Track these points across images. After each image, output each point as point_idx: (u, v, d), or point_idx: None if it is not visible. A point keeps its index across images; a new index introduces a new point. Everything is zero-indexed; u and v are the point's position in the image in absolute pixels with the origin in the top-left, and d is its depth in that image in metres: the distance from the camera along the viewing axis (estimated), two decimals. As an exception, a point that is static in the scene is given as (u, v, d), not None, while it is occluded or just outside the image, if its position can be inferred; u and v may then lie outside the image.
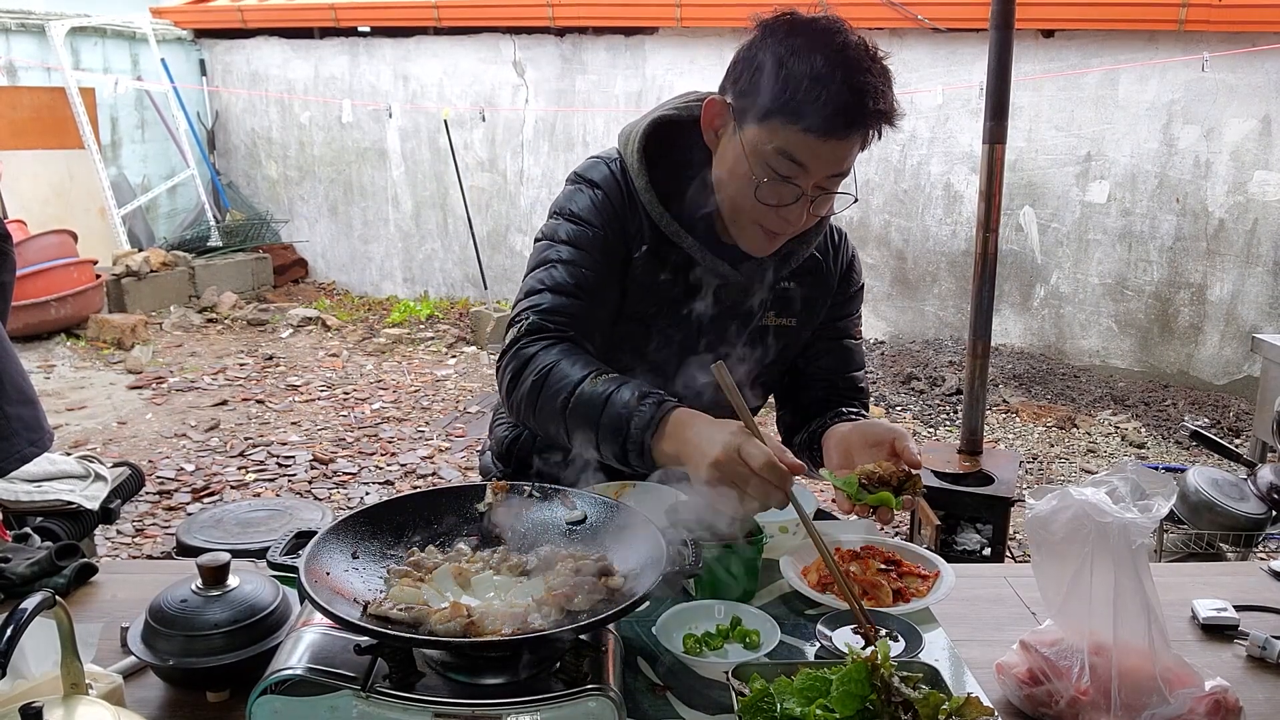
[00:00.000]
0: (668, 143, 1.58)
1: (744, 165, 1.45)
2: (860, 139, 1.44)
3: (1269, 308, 5.46)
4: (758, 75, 1.41)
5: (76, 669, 0.98)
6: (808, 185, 1.44)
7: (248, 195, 8.73)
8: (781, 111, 1.38)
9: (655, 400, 1.35)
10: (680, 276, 1.60)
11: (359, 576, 1.14)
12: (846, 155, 1.44)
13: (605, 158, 1.61)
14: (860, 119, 1.40)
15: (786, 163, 1.41)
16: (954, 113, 6.15)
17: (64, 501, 2.47)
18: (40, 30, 7.30)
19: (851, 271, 1.78)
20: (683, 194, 1.56)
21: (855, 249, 1.81)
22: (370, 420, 5.27)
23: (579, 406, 1.39)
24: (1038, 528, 1.19)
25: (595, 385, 1.39)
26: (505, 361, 1.50)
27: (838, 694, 1.04)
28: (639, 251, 1.58)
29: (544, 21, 7.09)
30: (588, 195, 1.57)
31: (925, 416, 5.40)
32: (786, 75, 1.37)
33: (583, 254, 1.53)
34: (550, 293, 1.51)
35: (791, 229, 1.50)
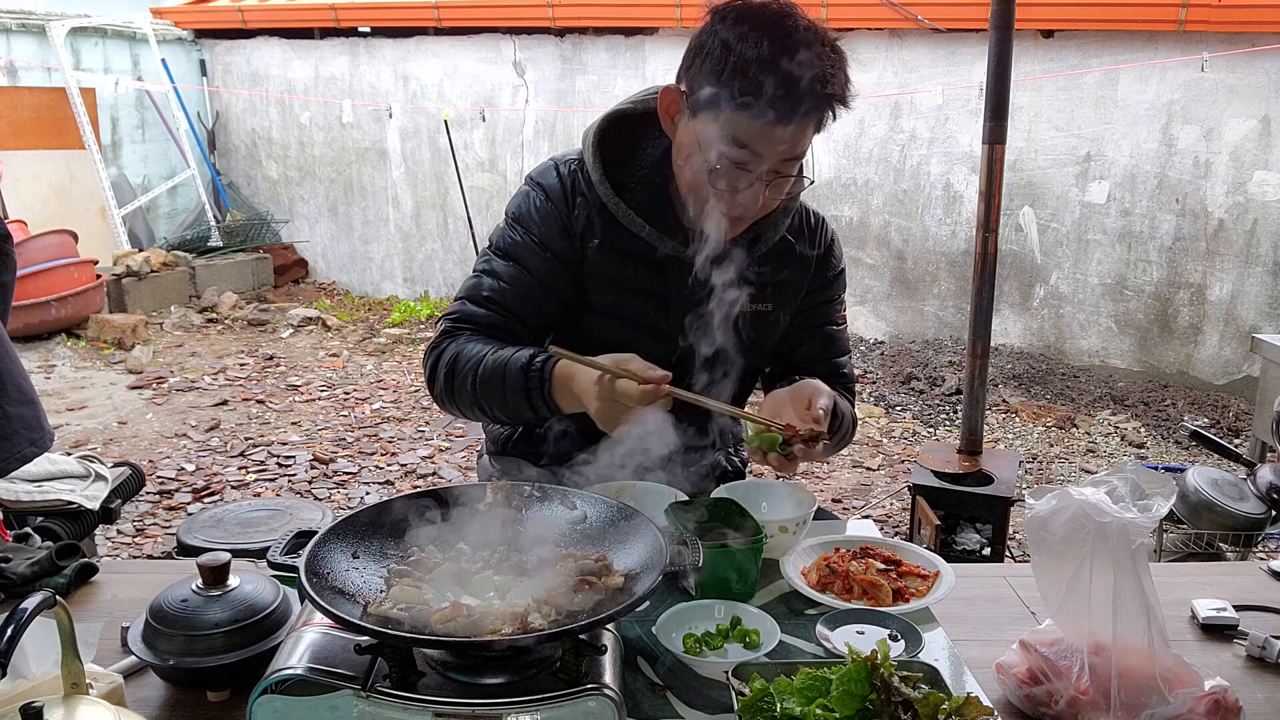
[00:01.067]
0: (626, 134, 1.62)
1: (698, 152, 1.47)
2: (813, 122, 1.44)
3: (1269, 308, 5.46)
4: (708, 62, 1.42)
5: (77, 669, 0.98)
6: (761, 170, 1.45)
7: (248, 195, 8.73)
8: (730, 97, 1.39)
9: (540, 360, 1.48)
10: (644, 266, 1.62)
11: (359, 576, 1.14)
12: (799, 139, 1.45)
13: (559, 159, 1.67)
14: (809, 103, 1.40)
15: (738, 148, 1.43)
16: (954, 113, 6.15)
17: (64, 501, 2.47)
18: (40, 30, 7.30)
19: (830, 255, 1.77)
20: (642, 184, 1.59)
21: (835, 233, 1.81)
22: (370, 420, 5.27)
23: (484, 386, 1.52)
24: (1037, 528, 1.19)
25: (493, 360, 1.51)
26: (424, 361, 1.63)
27: (838, 694, 1.04)
28: (591, 245, 1.61)
29: (544, 22, 7.09)
30: (531, 199, 1.64)
31: (925, 416, 5.40)
32: (735, 61, 1.38)
33: (512, 266, 1.62)
34: (470, 303, 1.62)
35: (750, 213, 1.52)
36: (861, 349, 6.50)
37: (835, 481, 4.57)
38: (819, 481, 4.56)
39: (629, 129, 1.62)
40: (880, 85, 6.31)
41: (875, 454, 4.91)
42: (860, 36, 6.32)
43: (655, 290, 1.63)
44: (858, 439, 5.08)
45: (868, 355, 6.39)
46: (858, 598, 1.41)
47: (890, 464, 4.78)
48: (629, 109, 1.63)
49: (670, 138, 1.55)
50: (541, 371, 1.48)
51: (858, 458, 4.86)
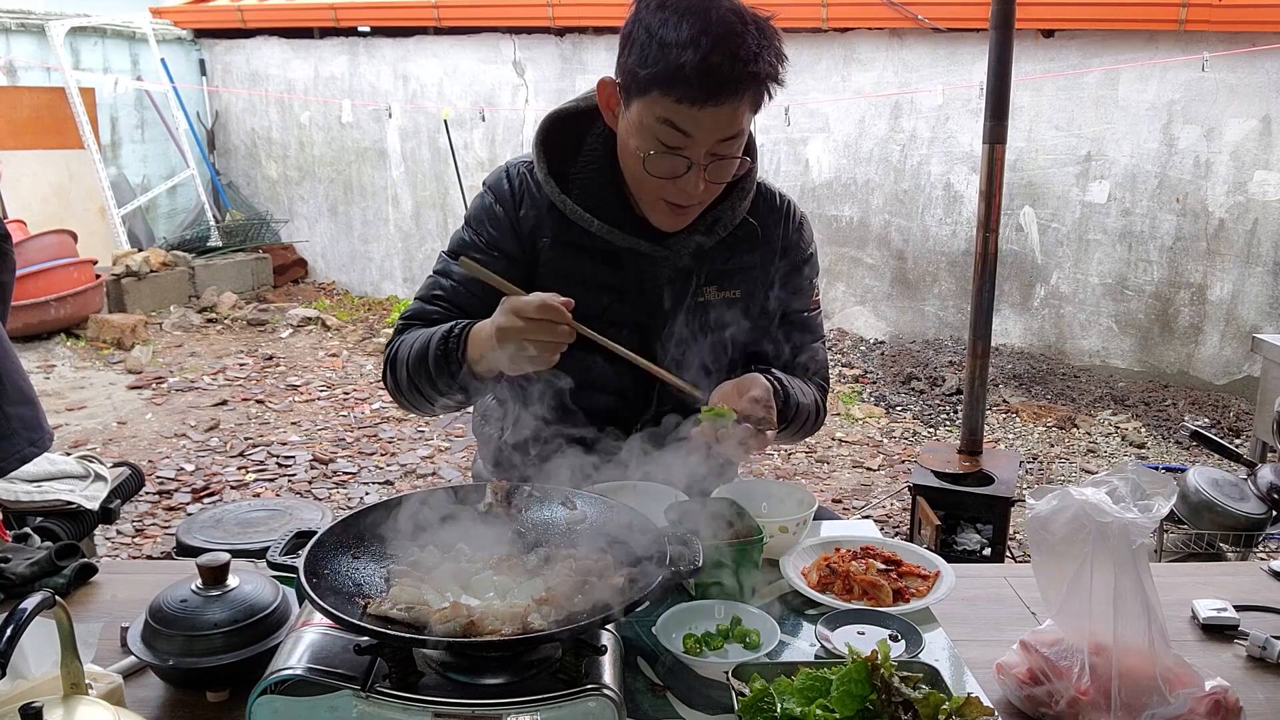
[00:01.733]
0: (569, 131, 1.63)
1: (635, 140, 1.47)
2: (747, 102, 1.43)
3: (1269, 308, 5.46)
4: (634, 49, 1.43)
5: (76, 669, 0.98)
6: (697, 154, 1.45)
7: (248, 195, 8.73)
8: (656, 82, 1.40)
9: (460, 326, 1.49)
10: (600, 260, 1.62)
11: (359, 576, 1.14)
12: (731, 120, 1.43)
13: (512, 162, 1.69)
14: (735, 82, 1.39)
15: (671, 132, 1.43)
16: (954, 113, 6.15)
17: (64, 501, 2.47)
18: (40, 30, 7.29)
19: (800, 240, 1.76)
20: (590, 179, 1.60)
21: (804, 216, 1.79)
22: (370, 420, 5.27)
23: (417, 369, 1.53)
24: (1038, 528, 1.19)
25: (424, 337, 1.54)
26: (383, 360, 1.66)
27: (838, 694, 1.04)
28: (543, 243, 1.63)
29: (544, 21, 7.09)
30: (483, 202, 1.67)
31: (925, 416, 5.40)
32: (658, 45, 1.39)
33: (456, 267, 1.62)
34: (424, 302, 1.65)
35: (693, 199, 1.51)
36: (861, 349, 6.50)
37: (835, 481, 4.57)
38: (819, 481, 4.56)
39: (576, 126, 1.63)
40: (880, 85, 6.31)
41: (875, 454, 4.91)
42: (860, 36, 6.32)
43: (614, 284, 1.63)
44: (858, 439, 5.08)
45: (868, 355, 6.39)
46: (858, 598, 1.41)
47: (890, 464, 4.78)
48: (573, 106, 1.65)
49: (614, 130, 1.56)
50: (461, 335, 1.48)
51: (858, 458, 4.85)
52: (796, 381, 1.70)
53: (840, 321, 6.80)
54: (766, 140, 6.62)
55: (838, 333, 6.77)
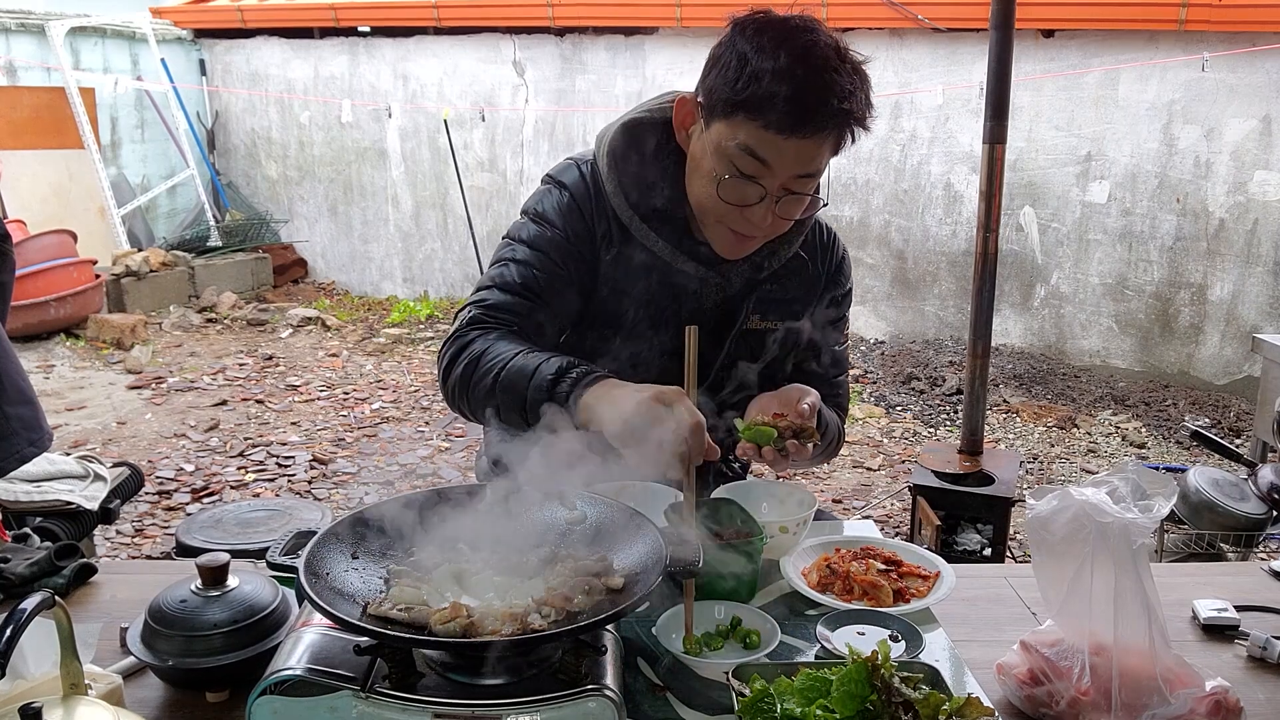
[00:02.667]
0: (641, 143, 1.57)
1: (709, 162, 1.44)
2: (830, 140, 1.41)
3: (1269, 308, 5.46)
4: (725, 72, 1.40)
5: (76, 669, 0.98)
6: (773, 185, 1.42)
7: (247, 195, 8.73)
8: (744, 106, 1.37)
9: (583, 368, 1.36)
10: (653, 279, 1.59)
11: (359, 576, 1.14)
12: (813, 156, 1.41)
13: (579, 159, 1.62)
14: (824, 117, 1.37)
15: (750, 160, 1.40)
16: (954, 113, 6.15)
17: (63, 501, 2.47)
18: (40, 30, 7.29)
19: (840, 274, 1.75)
20: (654, 195, 1.56)
21: (846, 249, 1.78)
22: (370, 420, 5.27)
23: (508, 380, 1.40)
24: (1038, 528, 1.19)
25: (525, 360, 1.40)
26: (444, 348, 1.52)
27: (838, 694, 1.03)
28: (609, 254, 1.58)
29: (544, 21, 7.09)
30: (555, 197, 1.59)
31: (925, 416, 5.40)
32: (751, 71, 1.36)
33: (538, 255, 1.55)
34: (498, 290, 1.54)
35: (759, 232, 1.49)
36: (861, 349, 6.49)
37: (835, 481, 4.57)
38: (819, 481, 4.56)
39: (643, 137, 1.58)
40: (880, 85, 6.27)
41: (876, 454, 4.91)
42: (860, 36, 6.32)
43: (665, 305, 1.60)
44: (858, 439, 5.08)
45: (868, 355, 6.39)
46: (858, 598, 1.41)
47: (891, 464, 4.78)
48: (644, 116, 1.59)
49: (684, 149, 1.53)
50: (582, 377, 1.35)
51: (858, 458, 4.85)
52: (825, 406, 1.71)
53: (840, 321, 6.79)
54: (766, 140, 6.60)
55: (838, 333, 6.77)
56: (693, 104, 1.48)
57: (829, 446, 1.73)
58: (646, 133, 1.58)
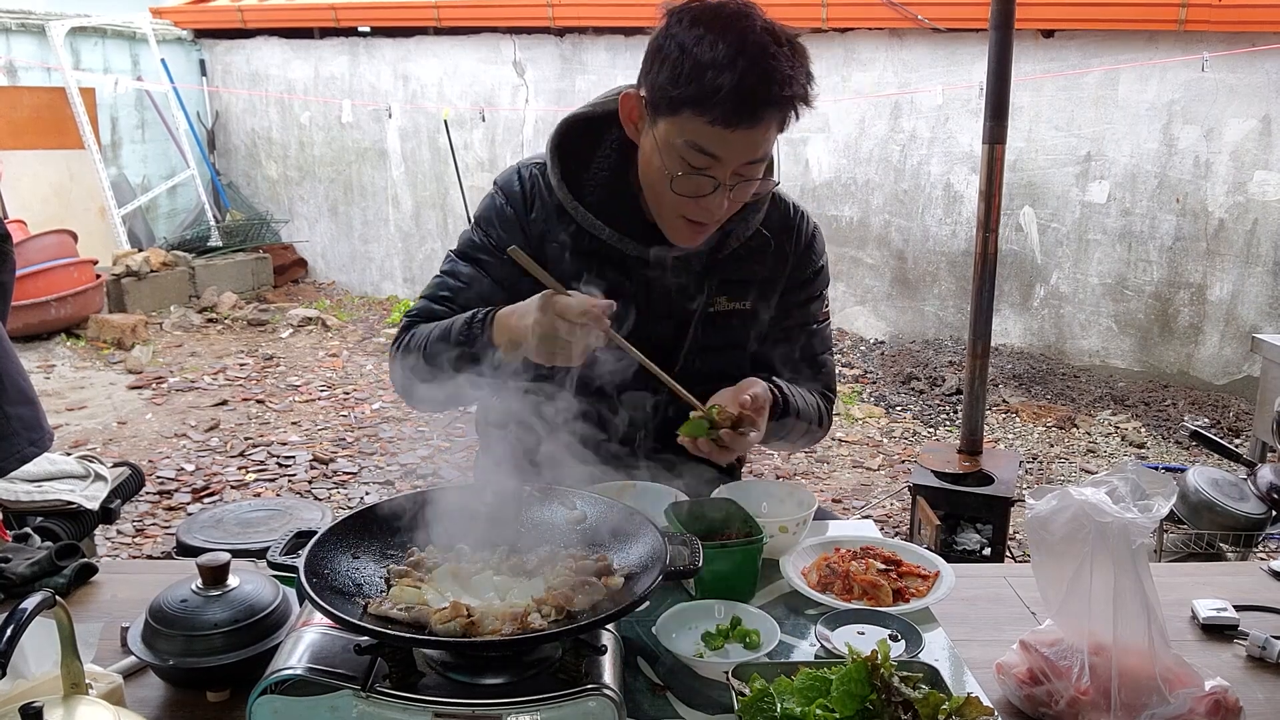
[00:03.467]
0: (586, 138, 1.61)
1: (659, 159, 1.46)
2: (774, 123, 1.42)
3: (1269, 308, 5.46)
4: (664, 67, 1.41)
5: (76, 669, 0.98)
6: (724, 175, 1.44)
7: (248, 195, 8.73)
8: (687, 103, 1.38)
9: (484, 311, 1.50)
10: (609, 267, 1.60)
11: (359, 576, 1.14)
12: (759, 141, 1.43)
13: (524, 162, 1.67)
14: (766, 106, 1.38)
15: (698, 154, 1.42)
16: (954, 113, 6.15)
17: (64, 501, 2.47)
18: (40, 30, 7.29)
19: (811, 252, 1.74)
20: (602, 185, 1.58)
21: (817, 226, 1.78)
22: (370, 420, 5.27)
23: (433, 351, 1.53)
24: (1038, 528, 1.19)
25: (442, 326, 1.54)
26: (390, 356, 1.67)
27: (838, 694, 1.04)
28: (551, 246, 1.61)
29: (544, 21, 7.09)
30: (493, 203, 1.66)
31: (925, 416, 5.40)
32: (690, 66, 1.37)
33: (469, 266, 1.64)
34: (430, 301, 1.66)
35: (714, 218, 1.51)
36: (861, 349, 6.50)
37: (835, 481, 4.57)
38: (819, 481, 4.56)
39: (591, 131, 1.61)
40: (880, 85, 6.31)
41: (875, 454, 4.91)
42: (860, 36, 6.32)
43: (622, 291, 1.60)
44: (858, 439, 5.08)
45: (868, 355, 6.39)
46: (858, 598, 1.41)
47: (890, 464, 4.78)
48: (589, 112, 1.63)
49: (635, 142, 1.54)
50: (485, 319, 1.49)
51: (858, 458, 4.86)
52: (799, 389, 1.70)
53: (840, 321, 6.80)
54: (766, 140, 6.60)
55: (838, 333, 6.77)
56: (637, 99, 1.49)
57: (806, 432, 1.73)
58: (591, 127, 1.61)
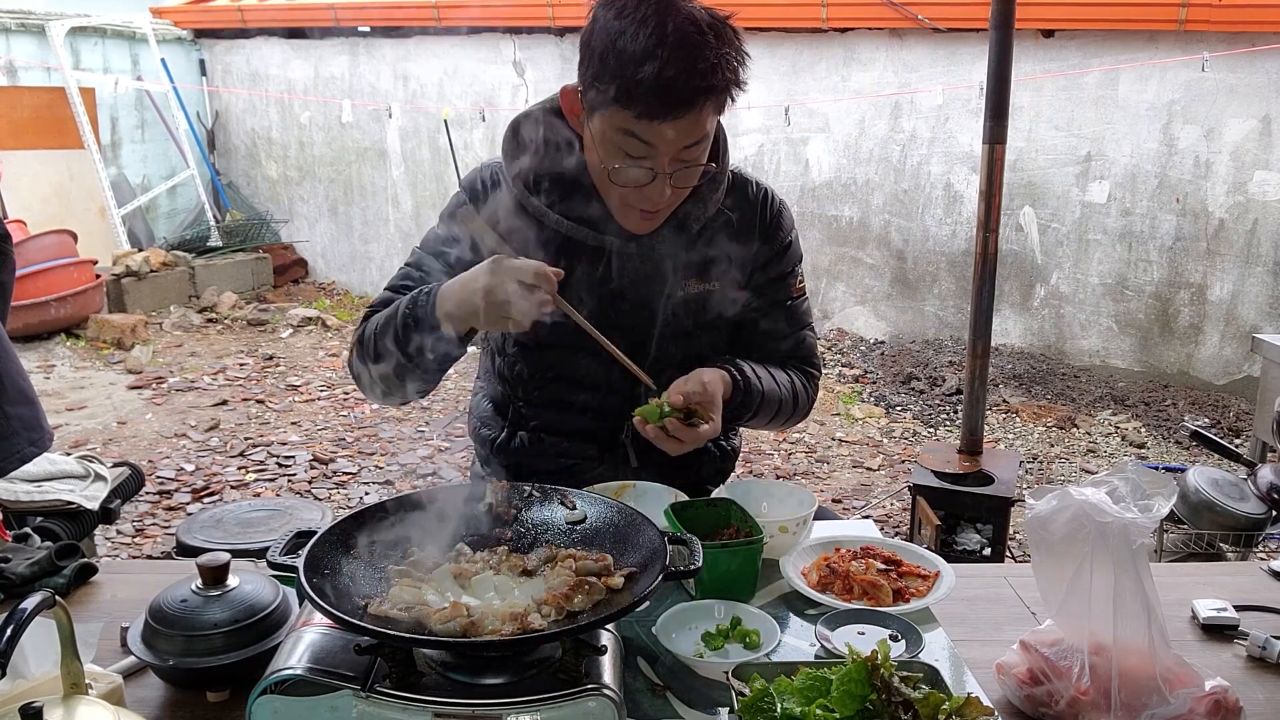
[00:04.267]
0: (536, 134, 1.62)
1: (599, 151, 1.47)
2: (709, 109, 1.42)
3: (1269, 308, 5.46)
4: (593, 61, 1.42)
5: (76, 669, 0.98)
6: (662, 163, 1.44)
7: (248, 195, 8.73)
8: (616, 97, 1.39)
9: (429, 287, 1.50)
10: (575, 259, 1.61)
11: (359, 576, 1.14)
12: (694, 128, 1.42)
13: (486, 163, 1.70)
14: (693, 95, 1.38)
15: (635, 143, 1.42)
16: (954, 113, 6.15)
17: (64, 501, 2.47)
18: (40, 30, 7.29)
19: (778, 228, 1.73)
20: (556, 178, 1.60)
21: (783, 202, 1.76)
22: (370, 420, 5.27)
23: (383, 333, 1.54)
24: (1038, 528, 1.19)
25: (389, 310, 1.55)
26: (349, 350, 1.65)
27: (838, 694, 1.04)
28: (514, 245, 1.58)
29: (544, 21, 7.09)
30: (456, 200, 1.68)
31: (925, 416, 5.40)
32: (616, 59, 1.38)
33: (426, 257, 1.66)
34: (392, 291, 1.66)
35: (660, 204, 1.51)
36: (861, 349, 6.49)
37: (835, 481, 4.57)
38: (819, 481, 4.56)
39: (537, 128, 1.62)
40: (880, 85, 6.31)
41: (875, 454, 4.91)
42: (860, 36, 6.32)
43: (590, 281, 1.62)
44: (858, 439, 5.08)
45: (868, 355, 6.39)
46: (858, 598, 1.41)
47: (890, 464, 4.78)
48: (534, 109, 1.64)
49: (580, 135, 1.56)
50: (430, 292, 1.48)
51: (858, 458, 4.86)
52: (770, 369, 1.69)
53: (840, 321, 6.80)
54: (766, 140, 6.62)
55: (838, 333, 6.77)
56: (574, 93, 1.51)
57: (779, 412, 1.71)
58: (538, 123, 1.62)
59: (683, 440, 1.49)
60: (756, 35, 6.25)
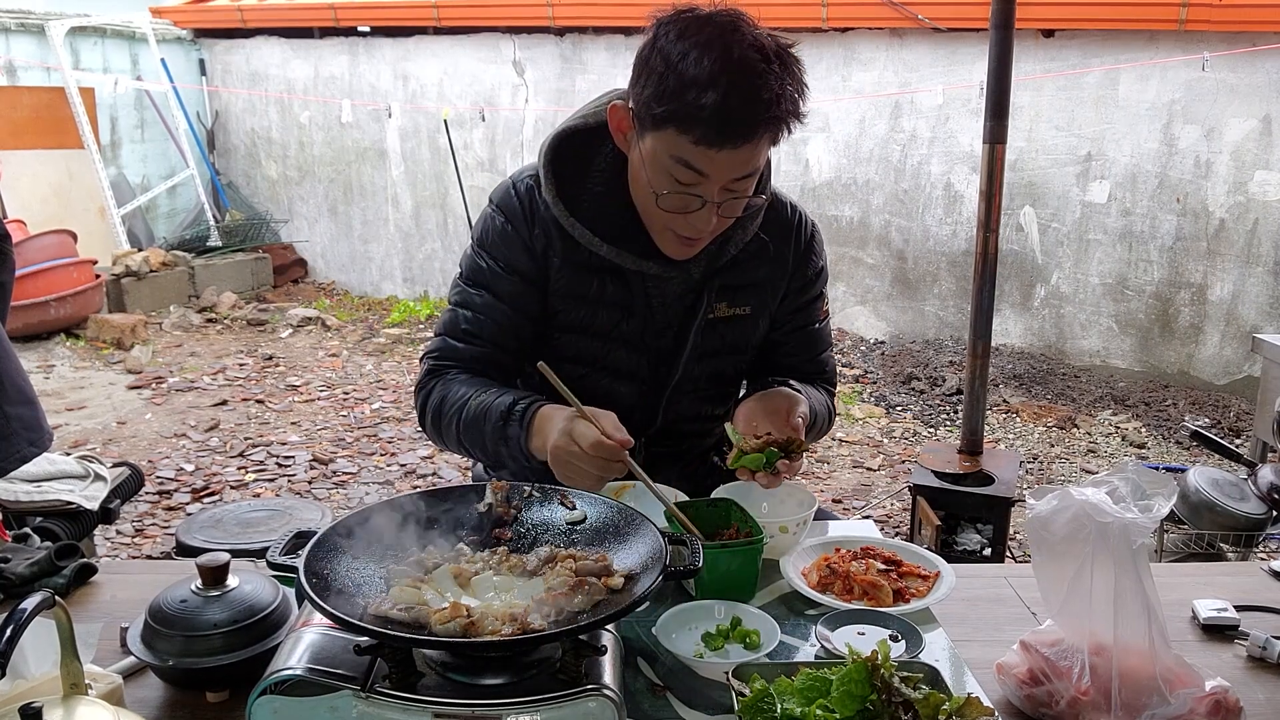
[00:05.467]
0: (579, 152, 1.57)
1: (647, 174, 1.43)
2: (765, 140, 1.39)
3: (1269, 308, 5.46)
4: (649, 81, 1.37)
5: (76, 669, 0.98)
6: (712, 192, 1.41)
7: (247, 195, 8.73)
8: (671, 121, 1.35)
9: (523, 406, 1.47)
10: (610, 279, 1.58)
11: (359, 576, 1.14)
12: (749, 159, 1.39)
13: (516, 177, 1.63)
14: (754, 125, 1.34)
15: (686, 171, 1.38)
16: (954, 113, 6.15)
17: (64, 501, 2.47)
18: (40, 30, 7.29)
19: (811, 253, 1.72)
20: (597, 198, 1.55)
21: (816, 227, 1.75)
22: (370, 420, 5.27)
23: (468, 430, 1.53)
24: (1038, 528, 1.19)
25: (477, 403, 1.52)
26: (416, 397, 1.65)
27: (838, 694, 1.04)
28: (553, 263, 1.59)
29: (544, 21, 7.09)
30: (494, 223, 1.61)
31: (925, 416, 5.40)
32: (677, 82, 1.33)
33: (482, 294, 1.61)
34: (450, 338, 1.62)
35: (704, 234, 1.48)
36: (862, 349, 6.49)
37: (835, 481, 4.57)
38: (819, 481, 4.56)
39: (584, 143, 1.58)
40: (880, 85, 6.31)
41: (875, 454, 4.91)
42: (860, 36, 6.32)
43: (624, 302, 1.60)
44: (858, 439, 5.08)
45: (868, 355, 6.39)
46: (858, 598, 1.41)
47: (891, 464, 4.78)
48: (579, 124, 1.59)
49: (625, 153, 1.52)
50: (522, 417, 1.47)
51: (858, 458, 4.85)
52: (809, 389, 1.71)
53: (840, 321, 6.80)
54: (766, 140, 6.60)
55: (838, 333, 6.77)
56: (625, 111, 1.46)
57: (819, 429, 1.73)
58: (583, 140, 1.57)
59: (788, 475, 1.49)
60: (756, 35, 6.24)
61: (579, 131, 1.58)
